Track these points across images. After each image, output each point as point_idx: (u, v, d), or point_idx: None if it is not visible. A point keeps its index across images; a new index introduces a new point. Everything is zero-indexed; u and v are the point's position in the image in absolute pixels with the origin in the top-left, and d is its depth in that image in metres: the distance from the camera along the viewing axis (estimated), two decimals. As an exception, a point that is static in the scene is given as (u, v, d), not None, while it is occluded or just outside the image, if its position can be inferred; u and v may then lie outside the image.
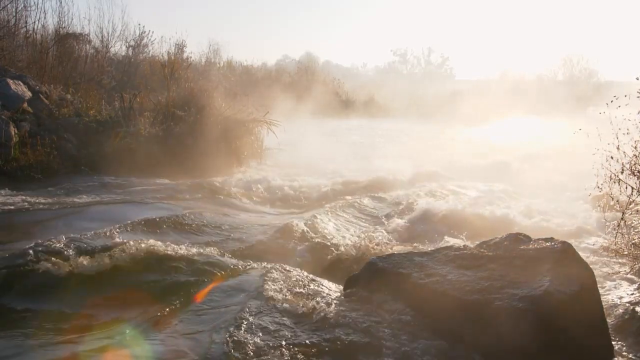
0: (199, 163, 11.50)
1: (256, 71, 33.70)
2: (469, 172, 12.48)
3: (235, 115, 13.06)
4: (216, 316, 4.18)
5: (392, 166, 13.51)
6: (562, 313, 3.64)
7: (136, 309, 4.43)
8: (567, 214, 8.41)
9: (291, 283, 4.68)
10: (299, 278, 4.84)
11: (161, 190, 9.66)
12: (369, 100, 35.58)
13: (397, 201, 9.48)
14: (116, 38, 21.29)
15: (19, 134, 10.48)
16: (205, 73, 24.07)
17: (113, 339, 3.88)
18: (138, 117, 12.55)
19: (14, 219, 7.27)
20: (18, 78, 12.15)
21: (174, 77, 15.31)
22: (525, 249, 4.24)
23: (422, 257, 4.49)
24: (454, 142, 19.72)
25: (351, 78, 45.16)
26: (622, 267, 5.69)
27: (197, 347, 3.73)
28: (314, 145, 17.05)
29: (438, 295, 3.95)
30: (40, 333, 4.02)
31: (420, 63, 60.57)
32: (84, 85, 16.06)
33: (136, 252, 5.22)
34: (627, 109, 5.70)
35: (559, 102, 30.48)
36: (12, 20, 16.57)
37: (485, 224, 7.69)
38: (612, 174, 5.61)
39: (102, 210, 7.90)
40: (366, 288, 4.40)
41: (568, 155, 14.31)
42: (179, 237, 6.37)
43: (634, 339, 4.12)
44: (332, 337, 3.75)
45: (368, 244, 6.41)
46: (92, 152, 11.33)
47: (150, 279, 4.98)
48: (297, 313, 4.15)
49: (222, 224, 7.21)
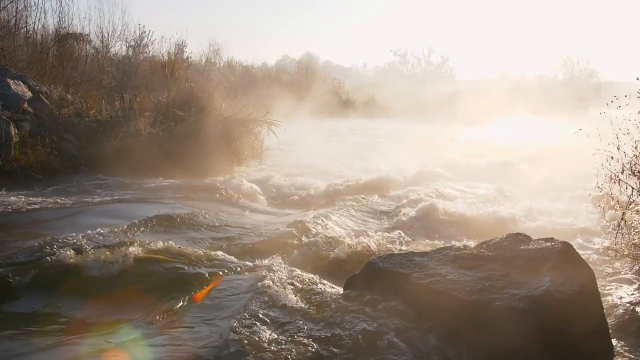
0: (199, 163, 11.50)
1: (256, 71, 33.70)
2: (469, 172, 12.49)
3: (235, 116, 13.07)
4: (216, 316, 4.18)
5: (392, 166, 13.52)
6: (563, 313, 3.64)
7: (136, 309, 4.43)
8: (567, 214, 8.41)
9: (291, 283, 4.68)
10: (299, 277, 4.84)
11: (161, 190, 9.66)
12: (369, 100, 35.60)
13: (397, 201, 9.48)
14: (116, 38, 21.31)
15: (19, 134, 10.48)
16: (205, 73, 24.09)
17: (113, 340, 3.88)
18: (138, 117, 12.56)
19: (14, 219, 7.27)
20: (18, 78, 12.15)
21: (174, 77, 15.33)
22: (526, 249, 4.24)
23: (422, 257, 4.49)
24: (454, 142, 19.73)
25: (351, 78, 45.21)
26: (623, 267, 5.69)
27: (197, 347, 3.73)
28: (314, 145, 17.06)
29: (438, 295, 3.94)
30: (40, 334, 4.02)
31: (420, 63, 60.62)
32: (84, 85, 16.06)
33: (136, 252, 5.22)
34: (627, 109, 5.70)
35: (559, 102, 30.48)
36: (13, 20, 16.58)
37: (485, 224, 7.69)
38: (613, 174, 5.61)
39: (102, 210, 7.89)
40: (366, 288, 4.40)
41: (568, 155, 14.33)
42: (179, 237, 6.37)
43: (634, 339, 4.12)
44: (331, 337, 3.75)
45: (368, 243, 6.40)
46: (93, 152, 11.33)
47: (150, 279, 4.97)
48: (297, 313, 4.15)
49: (221, 224, 7.21)
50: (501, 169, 13.08)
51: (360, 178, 11.33)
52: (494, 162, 14.06)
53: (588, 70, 43.11)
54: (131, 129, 11.93)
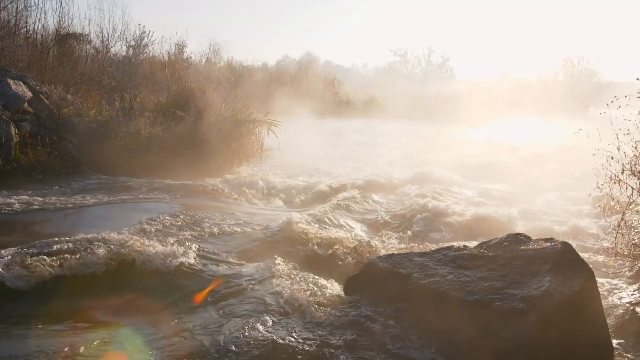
0: (199, 163, 11.50)
1: (257, 71, 33.67)
2: (469, 172, 12.48)
3: (235, 116, 13.06)
4: (216, 316, 4.18)
5: (392, 166, 13.52)
6: (563, 314, 3.64)
7: (136, 310, 4.44)
8: (567, 215, 8.41)
9: (291, 283, 4.68)
10: (299, 278, 4.84)
11: (161, 190, 9.66)
12: (370, 100, 35.57)
13: (397, 201, 9.48)
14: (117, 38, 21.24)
15: (19, 135, 10.48)
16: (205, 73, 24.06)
17: (113, 341, 3.89)
18: (138, 118, 12.56)
19: (15, 219, 7.27)
20: (19, 78, 12.15)
21: (175, 78, 15.33)
22: (526, 250, 4.24)
23: (423, 258, 4.49)
24: (454, 143, 19.74)
25: (352, 78, 45.17)
26: (623, 267, 5.69)
27: (197, 347, 3.73)
28: (314, 145, 17.06)
29: (438, 295, 3.95)
30: (39, 335, 4.02)
31: (421, 63, 60.55)
32: (85, 85, 16.05)
33: (136, 252, 5.22)
34: (627, 109, 5.70)
35: (559, 103, 30.47)
36: (13, 20, 16.57)
37: (485, 224, 7.69)
38: (613, 174, 5.60)
39: (102, 210, 7.90)
40: (366, 288, 4.40)
41: (568, 155, 14.32)
42: (179, 238, 6.37)
43: (634, 340, 4.12)
44: (331, 336, 3.75)
45: (368, 243, 6.40)
46: (93, 153, 11.33)
47: (151, 279, 4.98)
48: (297, 313, 4.16)
49: (222, 224, 7.21)
50: (501, 169, 13.08)
51: (360, 178, 11.33)
52: (494, 162, 14.06)
53: (588, 71, 43.12)
54: (131, 129, 11.93)
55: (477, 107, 27.17)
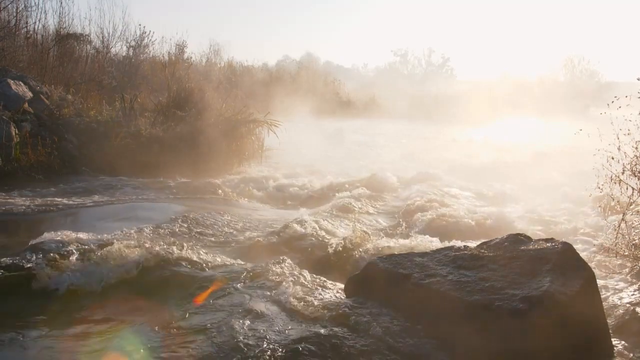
0: (200, 163, 11.51)
1: (257, 71, 33.67)
2: (469, 172, 12.49)
3: (235, 116, 13.07)
4: (217, 318, 4.18)
5: (392, 166, 13.51)
6: (563, 314, 3.64)
7: (136, 311, 4.43)
8: (567, 215, 8.40)
9: (291, 283, 4.68)
10: (299, 278, 4.84)
11: (162, 190, 9.67)
12: (370, 100, 35.56)
13: (397, 201, 9.48)
14: (117, 38, 21.25)
15: (19, 135, 10.49)
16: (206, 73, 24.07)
17: (113, 341, 3.89)
18: (139, 118, 12.57)
19: (15, 220, 7.27)
20: (19, 78, 12.15)
21: (175, 78, 15.33)
22: (526, 250, 4.23)
23: (423, 258, 4.48)
24: (455, 143, 19.74)
25: (352, 78, 45.18)
26: (623, 267, 5.68)
27: (197, 347, 3.73)
28: (314, 145, 17.06)
29: (439, 295, 3.94)
30: (41, 336, 4.01)
31: (421, 63, 60.53)
32: (85, 85, 16.05)
33: (136, 253, 5.22)
34: (628, 109, 5.70)
35: (560, 103, 30.48)
36: (13, 20, 16.58)
37: (485, 224, 7.69)
38: (613, 174, 5.60)
39: (102, 210, 7.90)
40: (366, 288, 4.40)
41: (569, 155, 14.32)
42: (180, 238, 6.37)
43: (634, 340, 4.12)
44: (331, 337, 3.75)
45: (368, 243, 6.40)
46: (93, 153, 11.33)
47: (151, 280, 4.98)
48: (297, 314, 4.15)
49: (222, 224, 7.21)
50: (501, 169, 13.08)
51: (360, 178, 11.32)
52: (494, 162, 14.07)
53: (589, 71, 43.22)
54: (131, 129, 11.93)
55: (477, 107, 27.18)
